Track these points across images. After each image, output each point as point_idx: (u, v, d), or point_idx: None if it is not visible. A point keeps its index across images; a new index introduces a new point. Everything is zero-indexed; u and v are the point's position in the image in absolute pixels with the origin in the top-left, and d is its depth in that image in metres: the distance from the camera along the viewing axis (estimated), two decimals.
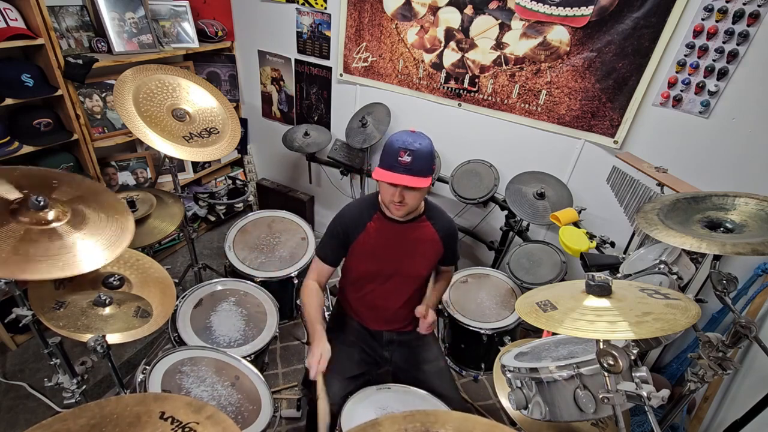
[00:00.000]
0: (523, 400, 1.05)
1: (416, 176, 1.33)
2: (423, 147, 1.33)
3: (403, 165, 1.32)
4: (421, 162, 1.33)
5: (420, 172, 1.34)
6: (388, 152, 1.35)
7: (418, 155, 1.32)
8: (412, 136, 1.35)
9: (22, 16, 1.87)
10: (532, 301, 1.00)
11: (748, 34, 1.63)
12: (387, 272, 1.57)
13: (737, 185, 1.77)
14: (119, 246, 1.20)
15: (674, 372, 2.06)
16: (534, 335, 2.18)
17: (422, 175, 1.34)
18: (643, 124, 1.96)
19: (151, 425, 0.82)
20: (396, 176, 1.33)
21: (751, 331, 1.02)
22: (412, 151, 1.31)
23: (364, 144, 2.49)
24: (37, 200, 1.13)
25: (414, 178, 1.33)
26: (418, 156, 1.32)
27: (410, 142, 1.33)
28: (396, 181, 1.34)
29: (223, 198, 3.04)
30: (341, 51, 2.56)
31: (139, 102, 1.80)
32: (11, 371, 2.06)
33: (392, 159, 1.33)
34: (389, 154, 1.35)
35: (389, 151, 1.35)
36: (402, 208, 1.42)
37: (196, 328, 1.74)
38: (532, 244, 2.19)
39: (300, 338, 2.38)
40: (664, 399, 0.83)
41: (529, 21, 2.01)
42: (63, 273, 1.06)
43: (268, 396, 1.43)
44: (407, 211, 1.45)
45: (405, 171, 1.32)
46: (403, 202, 1.39)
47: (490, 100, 2.27)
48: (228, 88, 3.05)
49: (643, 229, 1.11)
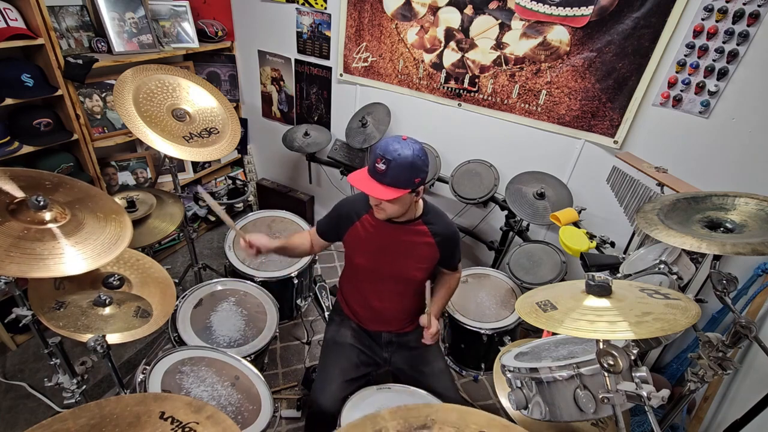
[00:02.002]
0: (523, 400, 1.05)
1: (387, 186, 1.28)
2: (402, 157, 1.26)
3: (377, 172, 1.28)
4: (397, 172, 1.26)
5: (393, 182, 1.28)
6: (371, 156, 1.33)
7: (394, 165, 1.26)
8: (396, 144, 1.28)
9: (22, 16, 1.87)
10: (532, 301, 1.00)
11: (748, 34, 1.63)
12: (383, 272, 1.56)
13: (737, 185, 1.77)
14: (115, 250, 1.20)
15: (674, 372, 2.06)
16: (534, 335, 2.18)
17: (395, 186, 1.28)
18: (643, 124, 1.96)
19: (151, 425, 0.82)
20: (365, 183, 1.30)
21: (751, 331, 1.02)
22: (388, 161, 1.26)
23: (364, 144, 2.49)
24: (37, 200, 1.13)
25: (383, 188, 1.28)
26: (395, 166, 1.26)
27: (390, 151, 1.26)
28: (362, 189, 1.32)
29: (223, 198, 3.05)
30: (341, 51, 2.56)
31: (139, 102, 1.80)
32: (11, 371, 2.05)
33: (371, 163, 1.31)
34: (371, 158, 1.32)
35: (371, 155, 1.33)
36: (380, 212, 1.41)
37: (196, 328, 1.74)
38: (532, 244, 2.19)
39: (300, 338, 2.38)
40: (664, 399, 0.83)
41: (529, 21, 2.01)
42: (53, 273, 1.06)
43: (268, 396, 1.43)
44: (387, 216, 1.42)
45: (379, 178, 1.29)
46: (380, 206, 1.38)
47: (490, 100, 2.27)
48: (228, 88, 3.05)
49: (643, 229, 1.11)
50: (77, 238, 1.15)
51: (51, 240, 1.11)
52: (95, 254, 1.15)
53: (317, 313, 2.54)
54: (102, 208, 1.29)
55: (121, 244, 1.21)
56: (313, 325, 2.47)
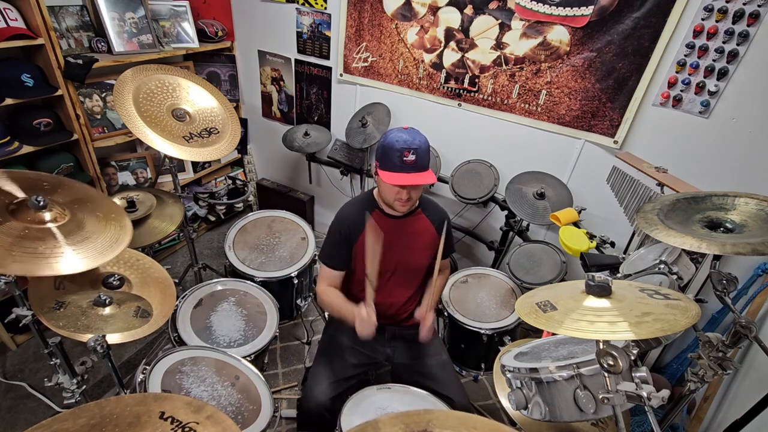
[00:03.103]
0: (523, 400, 1.05)
1: (423, 172, 1.39)
2: (422, 143, 1.38)
3: (409, 165, 1.36)
4: (424, 157, 1.39)
5: (424, 167, 1.40)
6: (390, 153, 1.36)
7: (420, 152, 1.36)
8: (409, 134, 1.38)
9: (22, 16, 1.87)
10: (532, 302, 1.00)
11: (748, 34, 1.63)
12: (390, 268, 1.57)
13: (737, 185, 1.77)
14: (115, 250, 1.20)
15: (674, 372, 2.06)
16: (534, 335, 2.18)
17: (427, 168, 1.41)
18: (643, 124, 1.96)
19: (151, 425, 0.82)
20: (408, 177, 1.37)
21: (751, 331, 1.02)
22: (415, 149, 1.35)
23: (364, 144, 2.49)
24: (37, 200, 1.13)
25: (423, 174, 1.39)
26: (421, 153, 1.37)
27: (410, 141, 1.36)
28: (410, 182, 1.38)
29: (223, 198, 3.05)
30: (341, 51, 2.56)
31: (139, 102, 1.80)
32: (11, 371, 2.06)
33: (397, 160, 1.36)
34: (392, 155, 1.36)
35: (391, 153, 1.36)
36: (407, 204, 1.46)
37: (196, 328, 1.74)
38: (532, 244, 2.18)
39: (300, 338, 2.38)
40: (664, 399, 0.83)
41: (529, 21, 2.01)
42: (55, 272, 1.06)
43: (268, 396, 1.43)
44: (413, 204, 1.51)
45: (413, 170, 1.37)
46: (410, 198, 1.44)
47: (490, 100, 2.27)
48: (228, 88, 3.05)
49: (643, 229, 1.11)
50: (77, 238, 1.15)
51: (51, 240, 1.11)
52: (96, 253, 1.15)
53: (317, 313, 2.54)
54: (101, 208, 1.29)
55: (120, 244, 1.21)
56: (313, 325, 2.47)
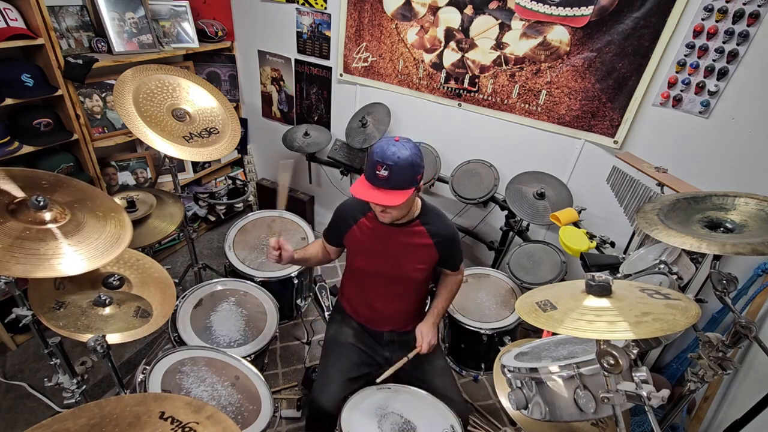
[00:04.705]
0: (524, 400, 1.05)
1: (394, 190, 1.29)
2: (403, 159, 1.26)
3: (381, 179, 1.28)
4: (399, 174, 1.27)
5: (398, 184, 1.29)
6: (368, 163, 1.32)
7: (395, 169, 1.26)
8: (392, 147, 1.28)
9: (22, 16, 1.87)
10: (532, 301, 1.00)
11: (748, 34, 1.63)
12: (385, 273, 1.57)
13: (737, 185, 1.77)
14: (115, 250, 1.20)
15: (674, 372, 2.06)
16: (534, 335, 2.18)
17: (401, 187, 1.29)
18: (643, 124, 1.96)
19: (151, 425, 0.82)
20: (371, 192, 1.30)
21: (751, 331, 1.02)
22: (389, 166, 1.26)
23: (364, 144, 2.49)
24: (37, 200, 1.13)
25: (391, 193, 1.29)
26: (396, 170, 1.26)
27: (389, 155, 1.26)
28: (370, 200, 1.33)
29: (223, 198, 3.05)
30: (341, 51, 2.56)
31: (139, 102, 1.80)
32: (11, 371, 2.05)
33: (370, 171, 1.30)
34: (369, 166, 1.31)
35: (369, 163, 1.32)
36: (386, 216, 1.41)
37: (196, 328, 1.74)
38: (532, 244, 2.19)
39: (300, 338, 2.38)
40: (664, 399, 0.83)
41: (529, 21, 2.01)
42: (55, 273, 1.06)
43: (268, 396, 1.43)
44: (392, 219, 1.44)
45: (383, 185, 1.29)
46: (386, 211, 1.38)
47: (490, 100, 2.27)
48: (228, 88, 3.05)
49: (643, 229, 1.11)
50: (78, 238, 1.15)
51: (52, 240, 1.11)
52: (97, 254, 1.15)
53: (317, 313, 2.54)
54: (101, 207, 1.29)
55: (121, 244, 1.21)
56: (313, 325, 2.47)
